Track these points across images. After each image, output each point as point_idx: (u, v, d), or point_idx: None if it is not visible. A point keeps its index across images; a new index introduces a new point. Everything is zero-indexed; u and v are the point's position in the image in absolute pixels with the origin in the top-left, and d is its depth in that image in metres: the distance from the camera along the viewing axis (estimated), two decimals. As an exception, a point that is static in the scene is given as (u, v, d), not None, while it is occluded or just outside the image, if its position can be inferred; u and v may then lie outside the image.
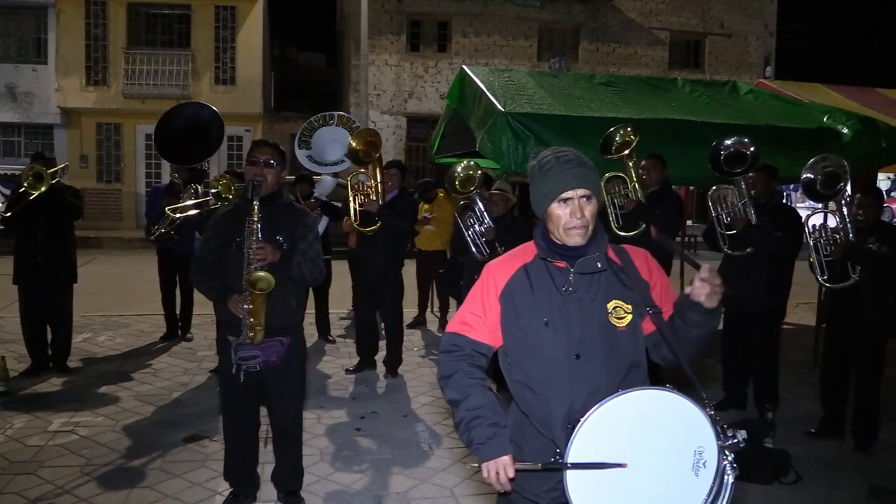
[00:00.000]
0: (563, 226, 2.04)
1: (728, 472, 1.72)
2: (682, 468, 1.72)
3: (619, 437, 1.82)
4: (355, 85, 19.49)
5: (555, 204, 2.05)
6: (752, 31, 23.12)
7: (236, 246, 3.54)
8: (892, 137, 6.81)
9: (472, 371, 2.14)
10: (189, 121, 5.17)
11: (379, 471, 4.41)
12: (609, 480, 1.79)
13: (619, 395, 1.87)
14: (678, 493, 1.70)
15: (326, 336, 7.54)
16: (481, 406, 2.08)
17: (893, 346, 5.13)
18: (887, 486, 4.30)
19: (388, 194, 6.21)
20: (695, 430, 1.75)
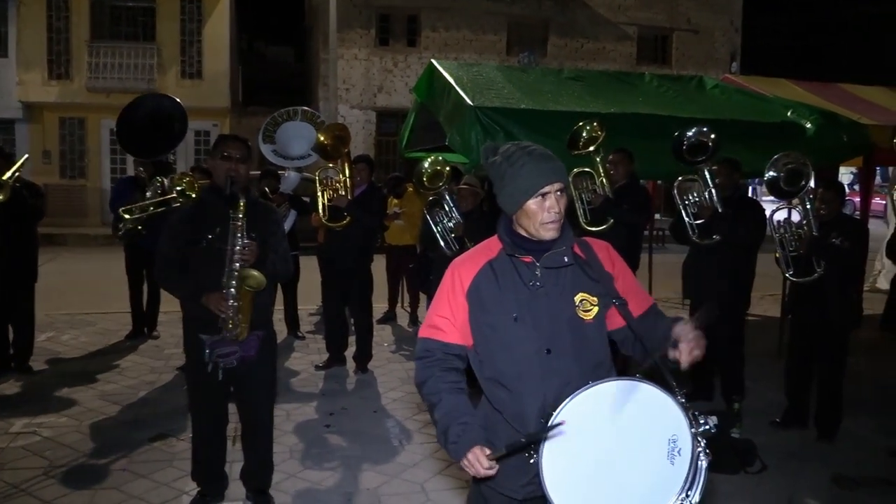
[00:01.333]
0: (540, 221, 2.03)
1: (702, 458, 1.73)
2: (657, 457, 1.73)
3: (594, 428, 1.83)
4: (324, 79, 19.35)
5: (532, 200, 2.03)
6: (719, 26, 23.40)
7: (207, 243, 3.49)
8: (854, 132, 6.93)
9: (444, 376, 2.12)
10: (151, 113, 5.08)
11: (349, 467, 4.39)
12: (585, 471, 1.79)
13: (591, 387, 1.88)
14: (655, 482, 1.71)
15: (296, 332, 7.48)
16: (453, 409, 2.06)
17: (855, 338, 5.24)
18: (850, 474, 4.39)
19: (356, 189, 6.17)
20: (667, 418, 1.77)
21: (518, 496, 2.07)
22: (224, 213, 3.50)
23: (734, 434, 4.68)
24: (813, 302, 4.89)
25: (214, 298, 3.45)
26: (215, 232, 3.48)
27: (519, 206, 2.05)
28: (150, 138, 5.29)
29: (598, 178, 5.48)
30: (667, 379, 1.88)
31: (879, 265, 10.58)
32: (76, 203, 18.49)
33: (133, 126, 5.21)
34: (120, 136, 5.55)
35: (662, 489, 1.69)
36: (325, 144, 6.05)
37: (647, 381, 1.85)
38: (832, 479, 4.35)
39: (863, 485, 4.28)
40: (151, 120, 5.19)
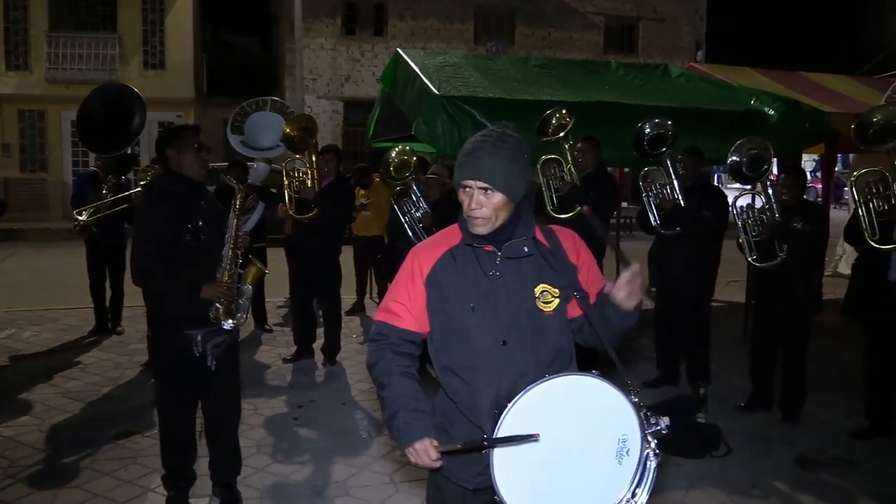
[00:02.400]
0: (466, 213, 2.03)
1: (651, 458, 1.72)
2: (605, 456, 1.72)
3: (546, 423, 1.81)
4: (290, 69, 19.14)
5: (460, 190, 2.03)
6: (684, 15, 23.59)
7: (192, 236, 3.46)
8: (815, 119, 7.02)
9: (395, 359, 2.11)
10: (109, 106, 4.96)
11: (317, 460, 4.36)
12: (535, 467, 1.78)
13: (545, 381, 1.86)
14: (601, 481, 1.69)
15: (263, 325, 7.41)
16: (402, 394, 2.05)
17: (818, 322, 5.33)
18: (813, 455, 4.47)
19: (324, 180, 6.11)
20: (619, 417, 1.75)
21: (469, 486, 2.06)
22: (200, 205, 3.54)
23: (700, 419, 4.75)
24: (776, 287, 4.96)
25: (213, 289, 3.50)
26: (197, 225, 3.47)
27: (457, 194, 2.06)
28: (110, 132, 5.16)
29: (567, 166, 5.49)
30: (621, 374, 1.86)
31: (841, 250, 10.79)
32: (37, 197, 18.10)
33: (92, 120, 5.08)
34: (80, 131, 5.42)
35: (608, 489, 1.68)
36: (292, 136, 5.98)
37: (602, 379, 1.83)
38: (796, 460, 4.43)
39: (825, 465, 4.37)
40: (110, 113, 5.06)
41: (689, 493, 3.99)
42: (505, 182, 1.98)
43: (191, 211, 3.50)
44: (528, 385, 1.86)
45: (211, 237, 3.59)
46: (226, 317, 3.58)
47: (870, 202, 4.47)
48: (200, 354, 3.50)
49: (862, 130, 4.56)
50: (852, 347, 5.50)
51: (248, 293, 3.79)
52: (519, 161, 2.00)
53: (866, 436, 4.71)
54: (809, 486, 4.10)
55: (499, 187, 1.97)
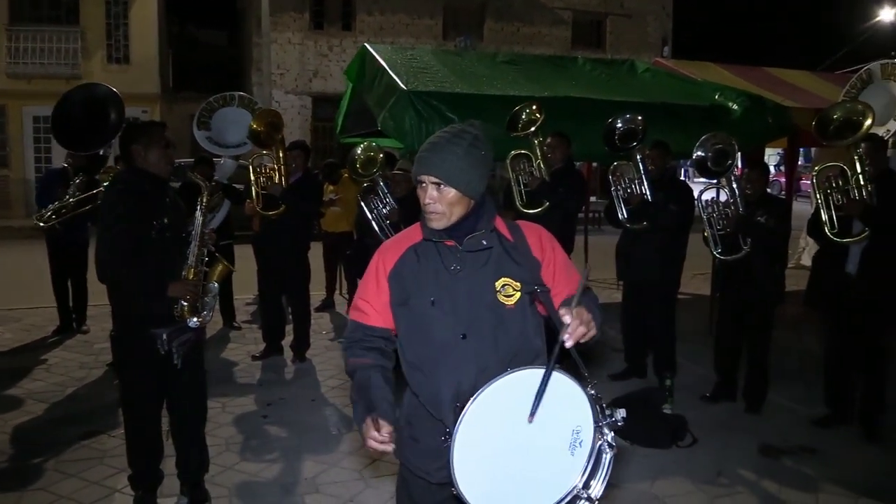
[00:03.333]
0: (423, 208, 2.05)
1: (606, 450, 1.73)
2: (559, 447, 1.72)
3: (505, 417, 1.82)
4: (258, 64, 18.95)
5: (418, 186, 2.05)
6: (651, 11, 23.83)
7: (157, 234, 3.43)
8: (778, 114, 7.14)
9: (363, 354, 2.14)
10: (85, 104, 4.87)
11: (287, 458, 4.34)
12: (493, 460, 1.79)
13: (505, 376, 1.87)
14: (554, 472, 1.70)
15: (231, 323, 7.34)
16: (362, 387, 2.08)
17: (780, 313, 5.43)
18: (776, 444, 4.57)
19: (292, 176, 6.07)
20: (575, 409, 1.76)
21: (433, 479, 2.08)
22: (165, 202, 3.52)
23: (666, 410, 4.82)
24: (740, 279, 5.05)
25: (179, 287, 3.47)
26: (162, 222, 3.45)
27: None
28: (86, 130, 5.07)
29: (536, 161, 5.53)
30: (579, 367, 1.87)
31: (804, 243, 11.00)
32: (-1, 194, 17.73)
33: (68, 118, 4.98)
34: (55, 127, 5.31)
35: (560, 480, 1.68)
36: (258, 131, 5.93)
37: (560, 371, 1.83)
38: (759, 449, 4.52)
39: (787, 453, 4.47)
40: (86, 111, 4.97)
41: (655, 482, 4.05)
42: (458, 177, 1.98)
43: (156, 208, 3.47)
44: (490, 379, 1.87)
45: (175, 234, 3.56)
46: (191, 315, 3.55)
47: (829, 196, 4.57)
48: (166, 353, 3.46)
49: (822, 126, 4.66)
50: (812, 337, 5.63)
51: (214, 291, 3.76)
52: (474, 156, 2.00)
53: (826, 423, 4.82)
54: (772, 474, 4.19)
55: (451, 182, 1.98)
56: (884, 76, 5.31)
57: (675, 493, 3.95)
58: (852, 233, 4.47)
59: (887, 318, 4.57)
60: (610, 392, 5.16)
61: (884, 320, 4.57)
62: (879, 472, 4.22)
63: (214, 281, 3.76)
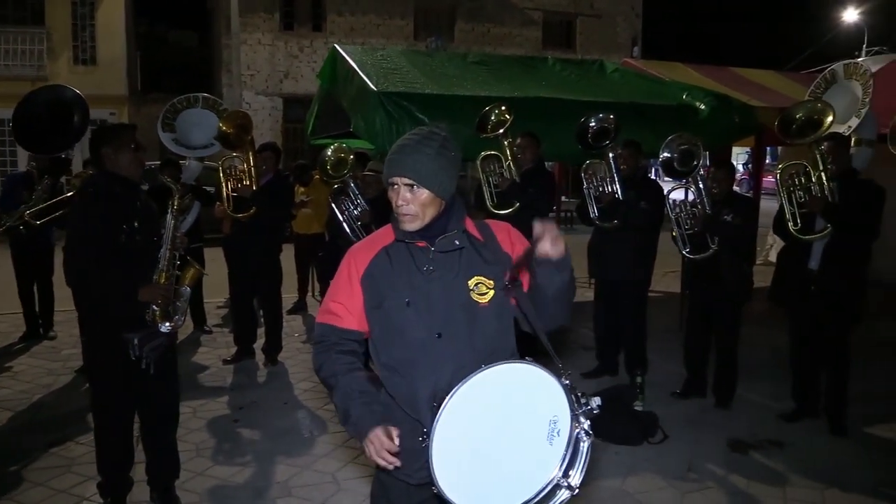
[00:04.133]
0: (395, 210, 2.05)
1: (583, 438, 1.76)
2: (537, 438, 1.75)
3: (482, 413, 1.85)
4: (227, 65, 18.78)
5: (389, 188, 2.06)
6: (620, 12, 24.05)
7: (127, 238, 3.40)
8: (745, 113, 7.25)
9: (340, 357, 2.13)
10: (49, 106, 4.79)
11: (259, 461, 4.31)
12: (472, 454, 1.81)
13: (480, 372, 1.89)
14: (534, 462, 1.73)
15: (202, 326, 7.27)
16: (353, 389, 2.07)
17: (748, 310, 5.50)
18: (744, 438, 4.63)
19: (262, 178, 6.03)
20: (550, 400, 1.79)
21: (413, 481, 2.08)
22: (136, 206, 3.49)
23: (637, 407, 4.87)
24: (708, 277, 5.11)
25: (150, 291, 3.44)
26: (133, 226, 3.42)
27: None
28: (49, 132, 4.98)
29: (506, 162, 5.54)
30: (553, 359, 1.90)
31: (771, 240, 11.16)
32: (-39, 198, 17.35)
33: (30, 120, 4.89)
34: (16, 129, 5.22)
35: (540, 470, 1.70)
36: (227, 133, 5.89)
37: (534, 364, 1.87)
38: (728, 443, 4.59)
39: (756, 447, 4.53)
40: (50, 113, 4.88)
41: (626, 479, 4.09)
42: (430, 178, 2.00)
43: (126, 212, 3.44)
44: (466, 377, 1.90)
45: (146, 238, 3.53)
46: (163, 319, 3.52)
47: (792, 194, 4.65)
48: (137, 358, 3.42)
49: (785, 125, 4.74)
50: (780, 333, 5.71)
51: (185, 295, 3.72)
52: (445, 157, 2.02)
53: (794, 417, 4.90)
54: (741, 468, 4.25)
55: (424, 184, 2.00)
56: (846, 76, 5.41)
57: (647, 490, 3.99)
58: (815, 230, 4.56)
59: (849, 312, 4.66)
60: (582, 390, 5.18)
61: (846, 315, 4.66)
62: (845, 463, 4.30)
63: (186, 285, 3.73)
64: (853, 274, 4.55)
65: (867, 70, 5.39)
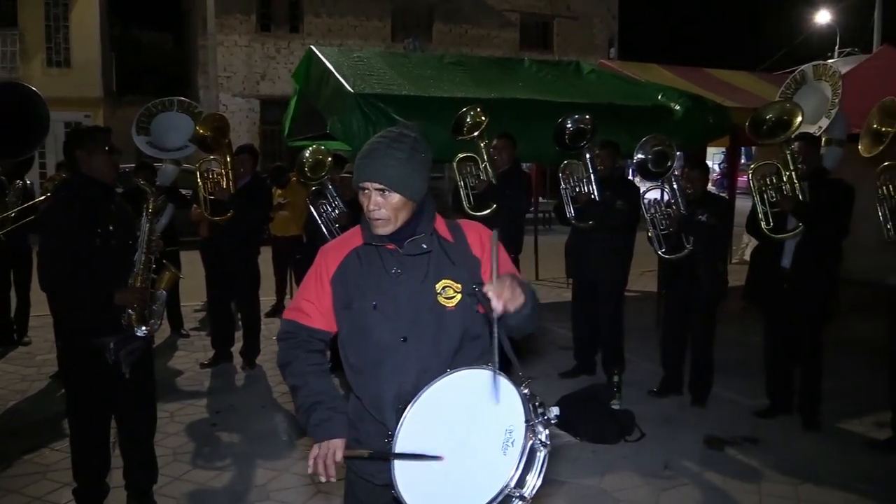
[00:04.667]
0: (366, 214, 2.05)
1: (539, 448, 1.73)
2: (493, 446, 1.74)
3: (443, 418, 1.85)
4: (203, 66, 18.66)
5: (360, 192, 2.04)
6: (597, 13, 24.22)
7: (102, 242, 3.37)
8: (719, 114, 7.35)
9: (308, 357, 2.14)
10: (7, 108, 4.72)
11: (237, 465, 4.29)
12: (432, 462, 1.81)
13: (444, 377, 1.90)
14: (487, 472, 1.71)
15: (179, 330, 7.22)
16: (319, 391, 2.09)
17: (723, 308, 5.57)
18: (720, 435, 4.69)
19: (240, 181, 5.99)
20: (508, 409, 1.78)
21: (377, 481, 2.09)
22: (110, 209, 3.46)
23: (614, 406, 4.90)
24: (684, 276, 5.16)
25: (125, 295, 3.41)
26: (107, 229, 3.40)
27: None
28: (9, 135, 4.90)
29: (482, 164, 5.56)
30: (514, 367, 1.87)
31: (747, 238, 11.28)
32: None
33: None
34: None
35: (493, 479, 1.68)
36: (204, 136, 5.85)
37: (496, 371, 1.85)
38: (704, 440, 4.64)
39: (731, 444, 4.59)
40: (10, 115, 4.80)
41: (604, 477, 4.12)
42: (401, 182, 1.98)
43: (101, 215, 3.42)
44: (431, 380, 1.90)
45: (121, 242, 3.51)
46: (139, 323, 3.49)
47: (764, 194, 4.71)
48: (113, 362, 3.40)
49: (756, 125, 4.81)
50: (755, 331, 5.78)
51: (162, 298, 3.70)
52: (416, 160, 2.00)
53: (768, 414, 4.96)
54: (717, 465, 4.30)
55: (395, 188, 1.98)
56: (816, 77, 5.50)
57: (624, 487, 4.02)
58: (787, 229, 4.62)
59: (821, 310, 4.73)
60: (560, 390, 5.23)
61: (818, 313, 4.73)
62: (818, 458, 4.36)
63: (162, 288, 3.71)
64: (825, 272, 4.62)
65: (836, 71, 5.48)
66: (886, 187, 4.61)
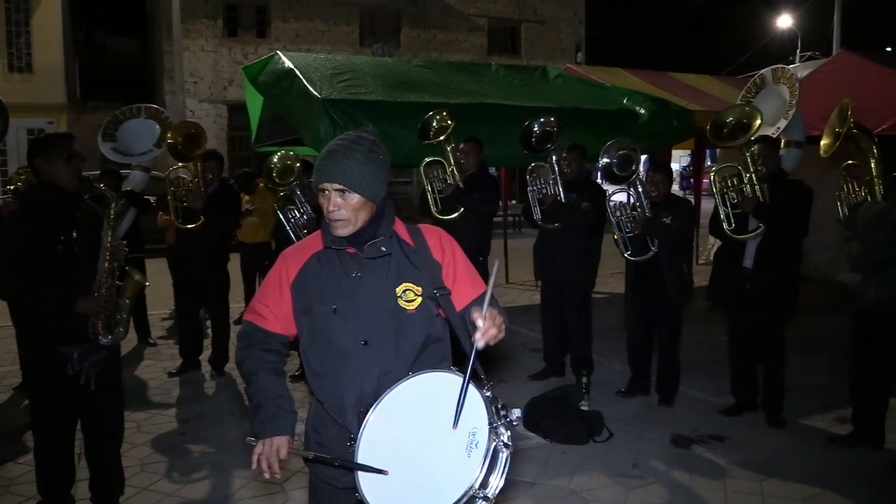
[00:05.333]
0: (326, 216, 2.06)
1: (502, 450, 1.76)
2: (457, 449, 1.76)
3: (405, 422, 1.87)
4: (169, 72, 18.46)
5: (320, 195, 2.06)
6: (564, 18, 24.43)
7: (64, 248, 3.33)
8: (683, 117, 7.46)
9: (262, 355, 2.16)
10: None
11: (206, 475, 4.26)
12: (394, 464, 1.83)
13: (406, 381, 1.92)
14: (451, 474, 1.73)
15: (146, 339, 7.13)
16: (268, 388, 2.11)
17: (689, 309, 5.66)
18: (687, 434, 4.76)
19: (209, 187, 5.94)
20: (471, 411, 1.80)
21: (340, 485, 2.10)
22: (75, 216, 3.42)
23: (583, 406, 4.95)
24: (650, 278, 5.23)
25: (88, 303, 3.37)
26: (70, 236, 3.35)
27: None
28: None
29: (449, 168, 5.59)
30: (476, 371, 1.89)
31: (713, 240, 11.44)
32: None
33: None
34: None
35: (457, 481, 1.71)
36: (176, 144, 5.77)
37: (458, 373, 1.88)
38: (672, 439, 4.70)
39: (698, 442, 4.66)
40: None
41: (573, 478, 4.16)
42: (360, 182, 2.01)
43: (64, 222, 3.37)
44: (393, 383, 1.93)
45: (85, 249, 3.46)
46: (104, 332, 3.45)
47: (726, 195, 4.80)
48: (76, 373, 3.35)
49: (716, 128, 4.90)
50: (720, 330, 5.88)
51: (126, 307, 3.65)
52: (374, 162, 2.03)
53: (733, 412, 5.05)
54: (684, 463, 4.36)
55: (354, 188, 2.00)
56: (774, 80, 5.62)
57: (593, 487, 4.06)
58: (748, 229, 4.71)
59: (783, 309, 4.83)
60: (529, 392, 5.27)
61: (780, 311, 4.83)
62: (782, 454, 4.44)
63: (127, 297, 3.66)
64: (785, 271, 4.72)
65: (794, 74, 5.60)
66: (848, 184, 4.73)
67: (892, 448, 4.40)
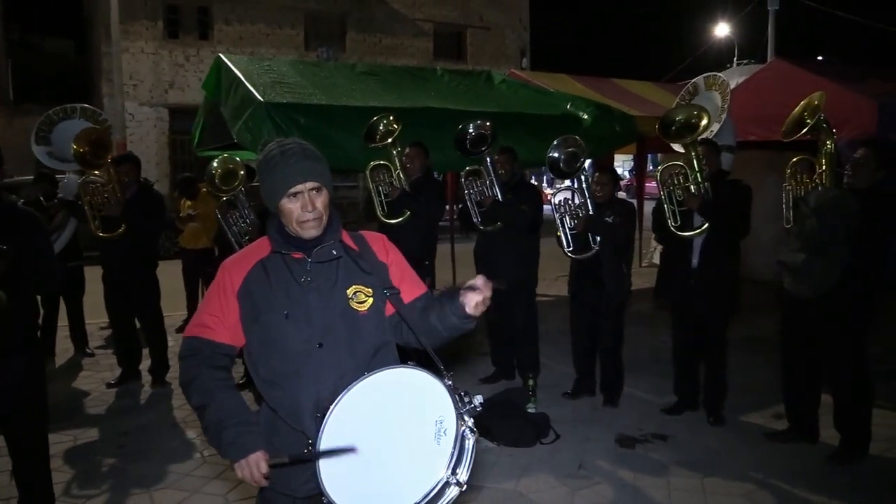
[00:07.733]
0: (297, 220, 2.02)
1: (468, 436, 1.80)
2: (425, 439, 1.78)
3: (368, 418, 1.87)
4: (108, 74, 17.98)
5: (285, 199, 2.01)
6: (508, 24, 24.68)
7: None
8: (625, 122, 7.59)
9: (213, 373, 2.07)
10: None
11: (147, 488, 4.14)
12: (359, 463, 1.82)
13: (364, 379, 1.92)
14: (422, 463, 1.76)
15: (84, 349, 6.91)
16: (227, 409, 2.03)
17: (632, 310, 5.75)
18: (631, 433, 4.83)
19: (126, 192, 5.76)
20: (435, 401, 1.83)
21: (300, 494, 2.07)
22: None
23: (530, 409, 4.98)
24: (591, 279, 5.30)
25: None
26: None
27: (275, 204, 2.04)
28: None
29: (395, 171, 5.57)
30: (436, 363, 1.94)
31: (655, 242, 11.70)
32: None
33: None
34: None
35: (430, 469, 1.74)
36: (82, 153, 5.55)
37: (417, 367, 1.91)
38: (616, 439, 4.76)
39: (641, 441, 4.73)
40: None
41: (520, 480, 4.18)
42: (328, 180, 2.07)
43: None
44: (348, 384, 1.92)
45: None
46: None
47: (672, 192, 4.89)
48: None
49: (665, 127, 5.00)
50: (664, 331, 5.99)
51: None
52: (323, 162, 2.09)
53: (675, 411, 5.15)
54: (628, 462, 4.43)
55: (327, 185, 2.06)
56: (707, 87, 5.78)
57: (540, 489, 4.09)
58: (693, 226, 4.81)
59: (725, 308, 4.94)
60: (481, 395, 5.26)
61: (722, 310, 4.94)
62: (722, 452, 4.55)
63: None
64: (726, 270, 4.84)
65: (725, 81, 5.76)
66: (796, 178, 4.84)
67: (826, 442, 4.53)
